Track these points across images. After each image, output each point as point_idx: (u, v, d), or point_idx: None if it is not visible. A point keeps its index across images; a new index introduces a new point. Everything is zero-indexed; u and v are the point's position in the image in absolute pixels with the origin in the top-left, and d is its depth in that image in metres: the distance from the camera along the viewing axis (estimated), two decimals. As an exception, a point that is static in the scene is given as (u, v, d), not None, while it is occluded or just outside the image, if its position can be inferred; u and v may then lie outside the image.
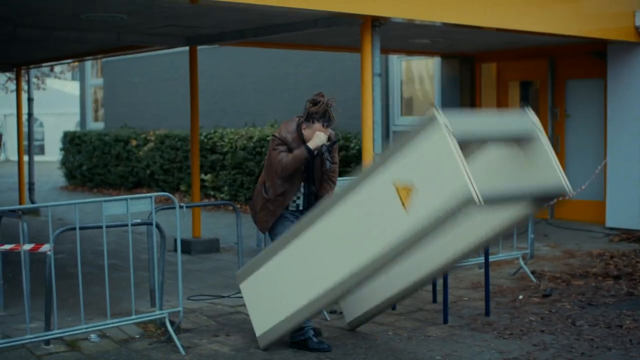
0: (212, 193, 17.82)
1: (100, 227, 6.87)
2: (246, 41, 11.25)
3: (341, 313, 7.61)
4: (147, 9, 8.81)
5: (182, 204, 7.54)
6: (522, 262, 9.71)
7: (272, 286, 6.62)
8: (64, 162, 23.47)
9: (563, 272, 9.91)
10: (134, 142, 20.73)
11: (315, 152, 6.80)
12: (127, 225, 7.02)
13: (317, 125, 6.76)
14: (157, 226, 7.33)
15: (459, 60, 15.29)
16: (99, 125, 24.83)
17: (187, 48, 12.14)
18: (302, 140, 6.81)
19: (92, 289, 7.10)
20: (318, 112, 6.75)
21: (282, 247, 6.50)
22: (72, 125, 37.43)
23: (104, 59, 23.32)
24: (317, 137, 6.75)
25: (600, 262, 10.51)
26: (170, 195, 7.34)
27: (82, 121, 25.86)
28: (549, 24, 11.06)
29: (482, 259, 8.65)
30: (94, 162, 21.95)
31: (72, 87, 41.79)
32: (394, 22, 9.45)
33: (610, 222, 13.03)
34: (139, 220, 7.33)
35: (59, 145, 24.08)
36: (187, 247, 11.56)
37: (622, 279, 9.49)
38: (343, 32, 10.50)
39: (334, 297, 6.28)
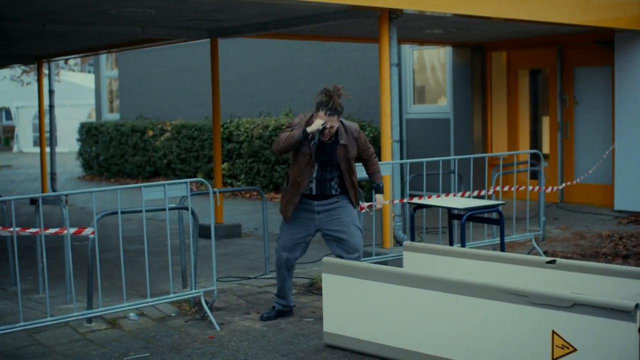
0: (229, 181, 18.25)
1: (140, 211, 7.29)
2: (267, 33, 11.62)
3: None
4: (174, 3, 9.21)
5: (215, 189, 7.95)
6: (534, 243, 10.12)
7: (363, 302, 6.50)
8: (81, 153, 23.91)
9: (574, 252, 10.31)
10: (150, 133, 21.16)
11: (311, 136, 7.03)
12: (164, 209, 7.44)
13: (320, 113, 6.98)
14: (191, 211, 7.75)
15: (469, 49, 15.66)
16: (114, 117, 25.25)
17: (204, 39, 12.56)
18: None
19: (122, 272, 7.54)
20: (322, 102, 6.98)
21: (395, 281, 6.32)
22: (83, 116, 37.81)
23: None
24: (315, 123, 6.99)
25: (610, 242, 10.91)
26: (204, 181, 7.77)
27: (98, 112, 26.29)
28: (557, 14, 11.43)
29: (497, 240, 9.06)
30: (111, 153, 22.40)
31: (82, 79, 42.15)
32: (408, 14, 9.83)
33: (618, 205, 13.43)
34: (174, 205, 7.76)
35: (72, 136, 24.48)
36: (207, 233, 11.87)
37: (630, 258, 9.90)
38: (360, 24, 10.88)
39: None
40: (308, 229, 7.39)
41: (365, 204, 8.89)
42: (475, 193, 9.92)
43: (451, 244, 8.85)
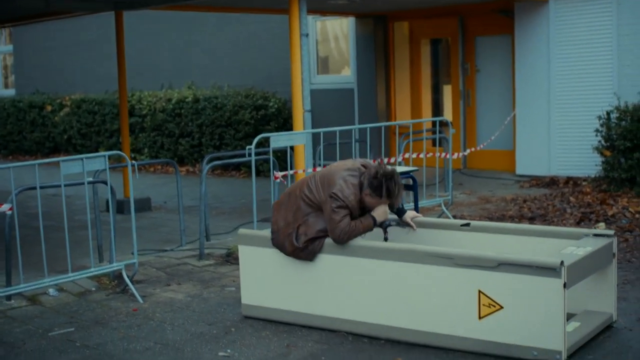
0: (132, 155, 18.06)
1: (59, 185, 7.22)
2: (174, 5, 11.53)
3: None
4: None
5: (133, 162, 7.91)
6: (444, 207, 10.37)
7: (280, 272, 6.49)
8: (-25, 130, 23.33)
9: (482, 215, 10.60)
10: (49, 108, 20.77)
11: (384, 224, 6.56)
12: (82, 183, 7.38)
13: (384, 200, 6.31)
14: (110, 185, 7.69)
15: (372, 19, 15.81)
16: (10, 92, 24.66)
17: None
18: (361, 204, 6.31)
19: (35, 249, 7.43)
20: (390, 190, 6.22)
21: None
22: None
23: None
24: (385, 214, 6.41)
25: (515, 205, 11.24)
26: (123, 154, 7.73)
27: (-7, 88, 25.67)
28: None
29: (411, 206, 9.24)
30: (8, 129, 21.89)
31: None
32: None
33: (519, 169, 13.83)
34: (91, 179, 7.70)
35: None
36: (120, 207, 11.81)
37: (536, 219, 10.23)
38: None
39: (335, 328, 6.24)
40: None
41: (280, 174, 8.94)
42: (386, 160, 10.09)
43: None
